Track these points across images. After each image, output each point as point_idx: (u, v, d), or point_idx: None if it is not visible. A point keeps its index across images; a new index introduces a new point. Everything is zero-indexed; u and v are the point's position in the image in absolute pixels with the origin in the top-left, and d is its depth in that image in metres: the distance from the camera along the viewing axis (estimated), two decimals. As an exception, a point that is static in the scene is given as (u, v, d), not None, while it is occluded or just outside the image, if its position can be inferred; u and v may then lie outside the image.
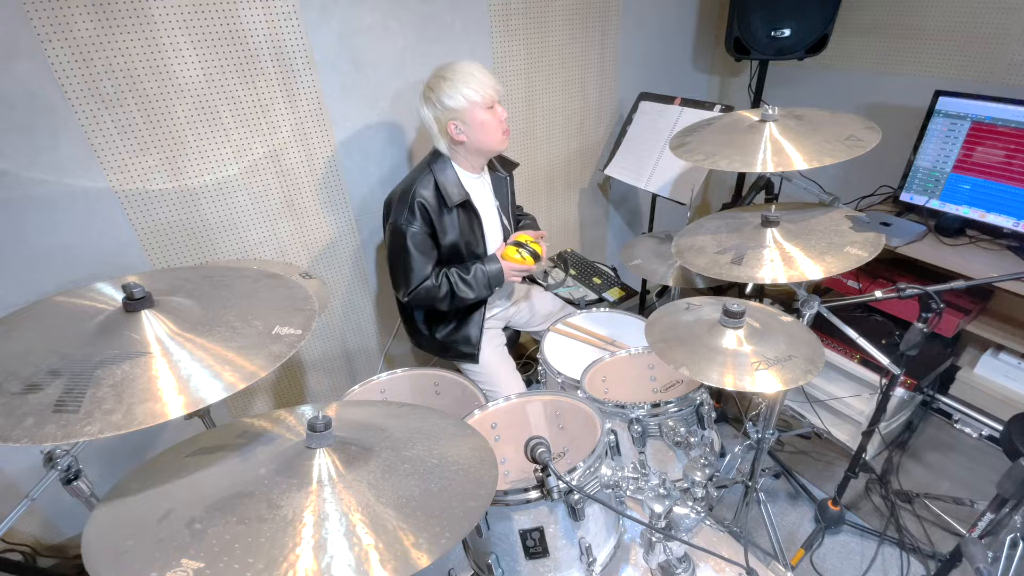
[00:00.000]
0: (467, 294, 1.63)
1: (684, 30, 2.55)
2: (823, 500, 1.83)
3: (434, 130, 1.56)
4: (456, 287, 1.62)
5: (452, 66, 1.51)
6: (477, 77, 1.50)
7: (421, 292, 1.60)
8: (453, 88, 1.48)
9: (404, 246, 1.56)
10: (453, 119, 1.52)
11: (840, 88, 2.37)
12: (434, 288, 1.61)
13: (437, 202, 1.57)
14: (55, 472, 0.89)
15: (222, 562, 0.58)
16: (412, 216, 1.55)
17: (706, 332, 1.12)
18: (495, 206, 1.78)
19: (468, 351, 1.78)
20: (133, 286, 0.80)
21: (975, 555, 1.13)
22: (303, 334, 0.83)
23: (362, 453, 0.75)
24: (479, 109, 1.51)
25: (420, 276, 1.59)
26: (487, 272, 1.65)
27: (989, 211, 1.82)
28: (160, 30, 1.40)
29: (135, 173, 1.49)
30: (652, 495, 1.03)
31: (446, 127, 1.53)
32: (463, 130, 1.54)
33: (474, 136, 1.55)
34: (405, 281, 1.60)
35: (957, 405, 2.08)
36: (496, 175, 1.78)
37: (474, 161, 1.66)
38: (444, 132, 1.55)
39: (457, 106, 1.49)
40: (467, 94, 1.48)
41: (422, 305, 1.67)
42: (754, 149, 1.28)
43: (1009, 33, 1.86)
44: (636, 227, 2.87)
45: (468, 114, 1.51)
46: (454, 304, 1.65)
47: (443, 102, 1.49)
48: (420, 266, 1.59)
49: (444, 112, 1.51)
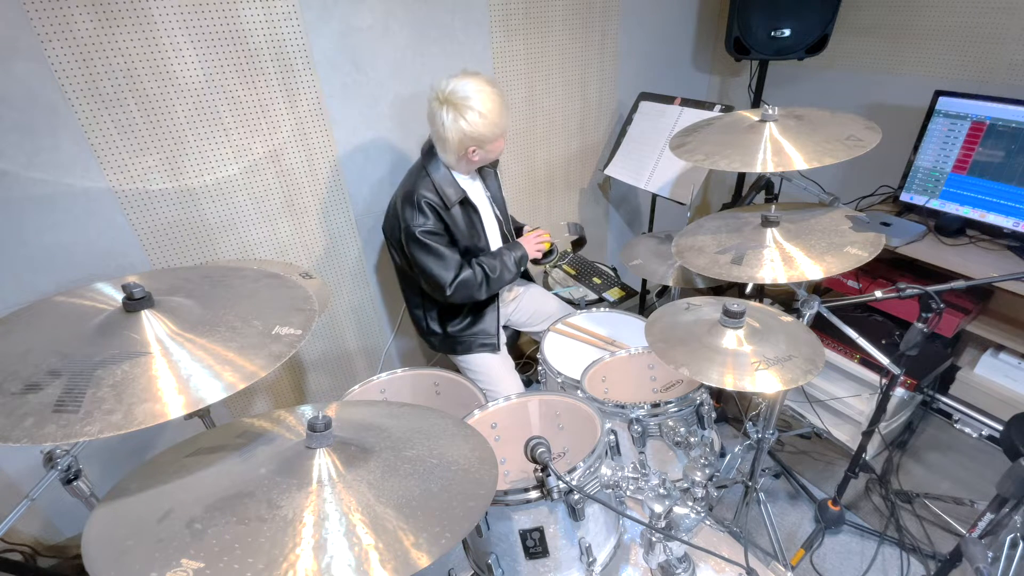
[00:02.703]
0: (503, 276, 1.70)
1: (684, 30, 2.55)
2: (823, 500, 1.83)
3: (449, 145, 1.56)
4: (490, 272, 1.67)
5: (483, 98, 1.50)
6: (503, 115, 1.56)
7: (461, 283, 1.63)
8: (486, 125, 1.52)
9: (427, 245, 1.58)
10: (474, 146, 1.57)
11: (840, 88, 2.37)
12: (471, 277, 1.65)
13: (441, 203, 1.60)
14: (55, 472, 0.89)
15: (222, 562, 0.58)
16: (424, 216, 1.57)
17: (706, 332, 1.12)
18: (489, 200, 1.81)
19: (488, 342, 1.82)
20: (133, 286, 0.79)
21: (975, 555, 1.13)
22: (303, 334, 0.83)
23: (362, 453, 0.75)
24: (496, 140, 1.60)
25: (455, 266, 1.62)
26: (513, 254, 1.73)
27: (989, 211, 1.82)
28: (160, 30, 1.40)
29: (135, 173, 1.49)
30: (652, 495, 1.03)
31: (466, 148, 1.57)
32: (479, 154, 1.60)
33: (484, 157, 1.64)
34: (443, 278, 1.61)
35: (957, 405, 2.08)
36: (484, 171, 1.82)
37: (470, 168, 1.70)
38: (460, 150, 1.58)
39: (484, 139, 1.55)
40: (494, 131, 1.55)
41: (462, 298, 1.68)
42: (754, 149, 1.28)
43: (1009, 33, 1.86)
44: (636, 227, 2.87)
45: (489, 144, 1.59)
46: (491, 290, 1.70)
47: (472, 132, 1.52)
48: (450, 257, 1.62)
49: (469, 139, 1.54)
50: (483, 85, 1.51)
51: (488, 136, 1.54)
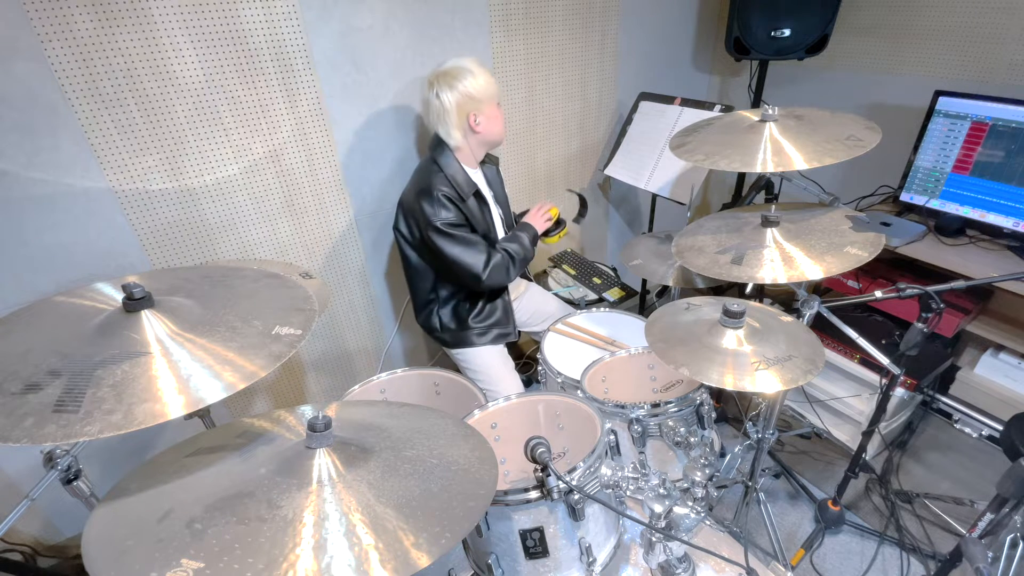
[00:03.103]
0: (525, 255, 1.74)
1: (684, 30, 2.55)
2: (823, 500, 1.83)
3: (451, 117, 1.60)
4: (514, 254, 1.71)
5: (468, 62, 1.59)
6: (491, 77, 1.62)
7: (495, 267, 1.66)
8: (476, 82, 1.58)
9: (453, 236, 1.61)
10: (474, 110, 1.61)
11: (840, 88, 2.37)
12: (501, 260, 1.68)
13: (457, 197, 1.63)
14: (55, 472, 0.89)
15: (222, 562, 0.58)
16: (445, 209, 1.60)
17: (706, 332, 1.12)
18: (492, 196, 1.83)
19: (506, 331, 1.86)
20: (133, 286, 0.79)
21: (975, 555, 1.13)
22: (303, 334, 0.83)
23: (362, 453, 0.75)
24: (493, 104, 1.64)
25: (484, 250, 1.65)
26: (526, 234, 1.77)
27: (989, 211, 1.82)
28: (160, 30, 1.40)
29: (135, 173, 1.49)
30: (652, 495, 1.03)
31: (466, 116, 1.60)
32: (480, 121, 1.63)
33: (487, 127, 1.66)
34: (476, 263, 1.64)
35: (957, 405, 2.08)
36: (487, 167, 1.84)
37: (477, 153, 1.73)
38: (463, 120, 1.61)
39: (480, 98, 1.59)
40: (488, 90, 1.60)
41: (496, 281, 1.70)
42: (754, 149, 1.28)
43: (1009, 33, 1.86)
44: (636, 227, 2.87)
45: (486, 107, 1.62)
46: (517, 271, 1.73)
47: (469, 92, 1.57)
48: (478, 242, 1.65)
49: (467, 102, 1.58)
50: (463, 58, 1.60)
51: (484, 95, 1.59)
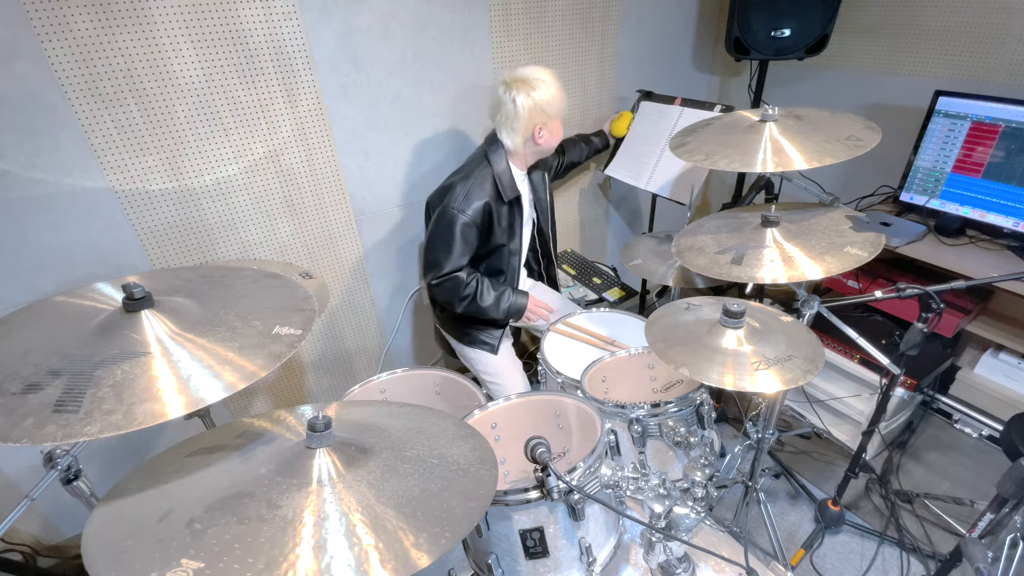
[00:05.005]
0: (487, 304, 1.70)
1: (684, 30, 2.55)
2: (823, 500, 1.83)
3: (519, 123, 1.61)
4: (481, 295, 1.68)
5: (547, 74, 1.61)
6: (563, 93, 1.65)
7: (449, 281, 1.65)
8: (554, 99, 1.61)
9: (452, 231, 1.61)
10: (542, 123, 1.63)
11: (840, 88, 2.37)
12: (462, 284, 1.66)
13: (495, 197, 1.64)
14: (55, 472, 0.89)
15: (222, 562, 0.58)
16: (469, 207, 1.60)
17: (706, 332, 1.12)
18: (531, 202, 1.85)
19: (490, 341, 1.85)
20: (133, 286, 0.80)
21: (975, 555, 1.13)
22: (303, 334, 0.83)
23: (362, 453, 0.75)
24: (558, 120, 1.68)
25: (455, 264, 1.64)
26: (512, 301, 1.74)
27: (989, 211, 1.82)
28: (160, 30, 1.40)
29: (135, 173, 1.49)
30: (652, 495, 1.03)
31: (533, 126, 1.62)
32: (544, 134, 1.65)
33: (547, 141, 1.68)
34: (438, 265, 1.64)
35: (957, 405, 2.08)
36: (535, 172, 1.85)
37: (528, 160, 1.75)
38: (529, 129, 1.62)
39: (551, 112, 1.62)
40: (559, 105, 1.63)
41: (441, 296, 1.71)
42: (754, 149, 1.28)
43: (1009, 33, 1.86)
44: (636, 227, 2.87)
45: (553, 122, 1.66)
46: (468, 309, 1.70)
47: (542, 105, 1.60)
48: (458, 255, 1.64)
49: (539, 113, 1.60)
50: (542, 68, 1.62)
51: (554, 109, 1.62)
